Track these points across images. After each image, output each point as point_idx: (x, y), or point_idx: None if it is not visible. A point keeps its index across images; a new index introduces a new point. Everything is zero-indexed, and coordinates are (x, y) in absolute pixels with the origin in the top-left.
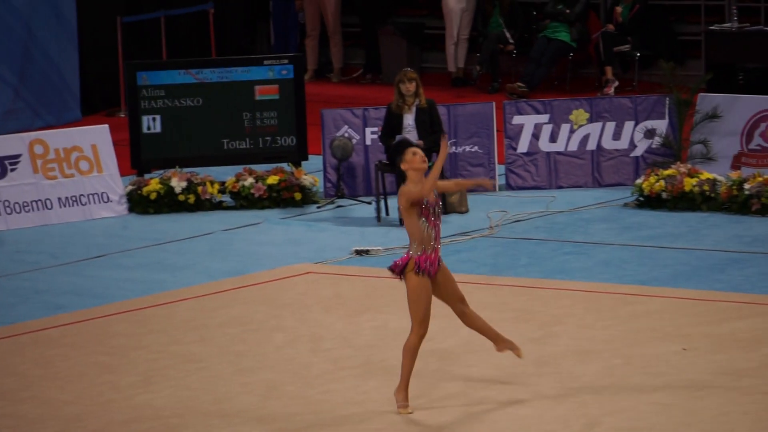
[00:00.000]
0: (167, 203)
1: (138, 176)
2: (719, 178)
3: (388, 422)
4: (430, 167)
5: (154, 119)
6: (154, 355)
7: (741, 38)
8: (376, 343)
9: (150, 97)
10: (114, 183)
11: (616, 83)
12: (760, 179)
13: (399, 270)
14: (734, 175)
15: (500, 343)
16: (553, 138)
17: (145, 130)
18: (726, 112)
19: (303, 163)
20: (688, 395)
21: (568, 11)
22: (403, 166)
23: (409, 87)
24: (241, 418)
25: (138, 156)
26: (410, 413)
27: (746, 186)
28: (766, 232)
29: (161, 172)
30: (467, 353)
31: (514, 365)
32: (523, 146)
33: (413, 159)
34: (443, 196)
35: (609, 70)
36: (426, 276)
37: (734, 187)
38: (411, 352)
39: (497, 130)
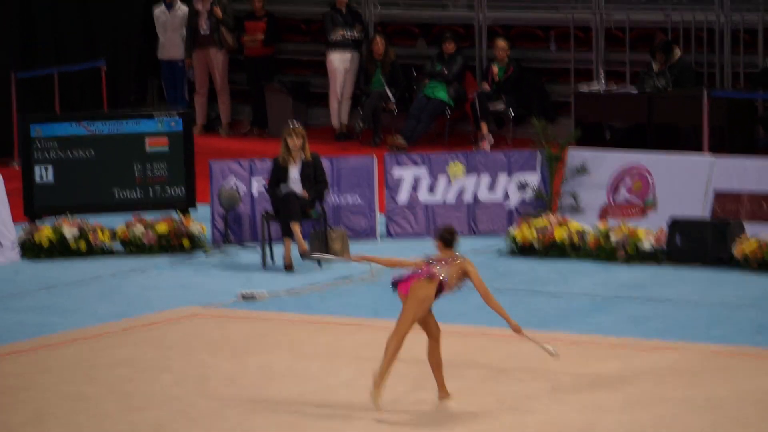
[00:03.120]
0: (59, 250)
1: (30, 224)
2: (587, 228)
3: None
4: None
5: (46, 169)
6: (44, 394)
7: (608, 99)
8: (261, 382)
9: (43, 148)
10: (6, 230)
11: (492, 139)
12: (625, 230)
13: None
14: (601, 225)
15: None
16: (431, 190)
17: (38, 180)
18: (593, 167)
19: (191, 211)
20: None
21: (446, 71)
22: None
23: (296, 141)
24: None
25: (31, 205)
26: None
27: (612, 236)
28: (631, 279)
29: (53, 219)
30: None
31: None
32: (403, 197)
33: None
34: (326, 240)
35: (484, 126)
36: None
37: (601, 237)
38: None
39: (378, 182)
